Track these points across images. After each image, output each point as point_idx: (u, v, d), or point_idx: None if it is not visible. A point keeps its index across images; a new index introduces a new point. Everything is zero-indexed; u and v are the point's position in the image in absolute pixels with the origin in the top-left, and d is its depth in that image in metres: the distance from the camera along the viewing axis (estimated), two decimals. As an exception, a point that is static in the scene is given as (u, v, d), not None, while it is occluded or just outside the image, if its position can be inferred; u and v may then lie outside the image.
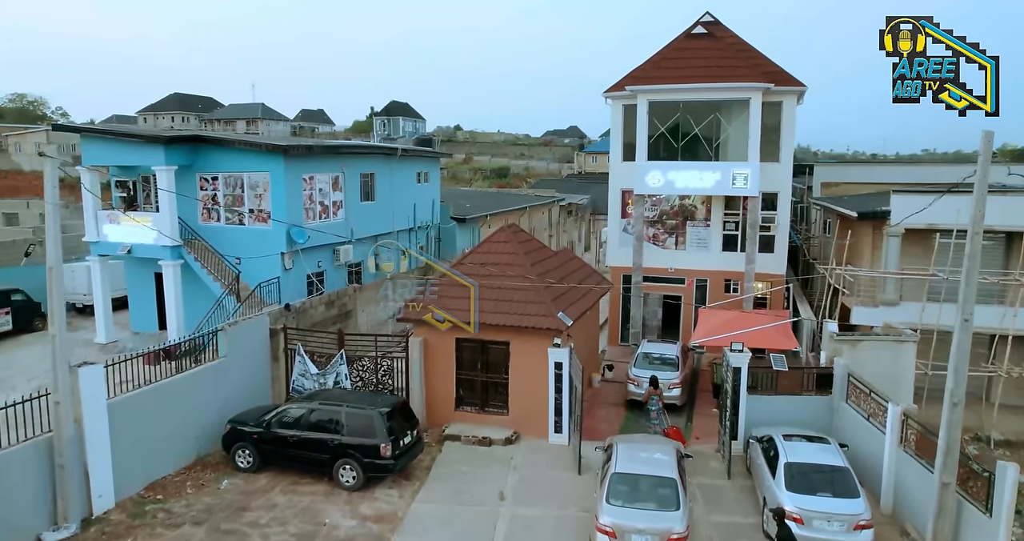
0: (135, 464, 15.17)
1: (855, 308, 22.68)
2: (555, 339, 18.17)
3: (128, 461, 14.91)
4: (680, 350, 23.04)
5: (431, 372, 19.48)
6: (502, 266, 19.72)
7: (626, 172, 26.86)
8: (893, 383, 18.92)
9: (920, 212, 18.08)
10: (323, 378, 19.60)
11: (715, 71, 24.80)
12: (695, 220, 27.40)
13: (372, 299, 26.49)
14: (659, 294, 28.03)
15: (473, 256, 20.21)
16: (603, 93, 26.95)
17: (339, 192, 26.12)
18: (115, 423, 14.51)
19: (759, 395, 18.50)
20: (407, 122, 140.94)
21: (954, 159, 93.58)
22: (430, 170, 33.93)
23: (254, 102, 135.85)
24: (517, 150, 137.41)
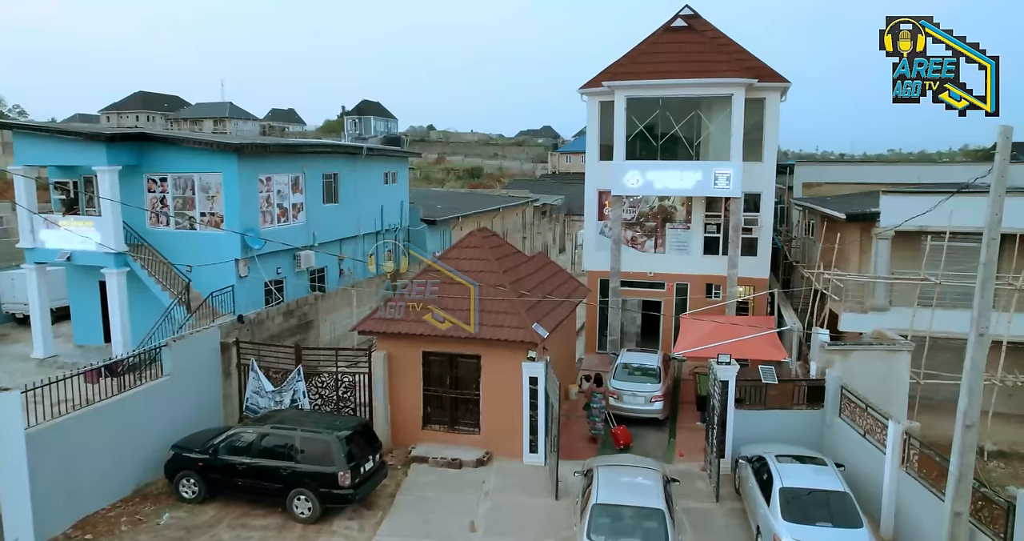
0: (62, 499, 13.57)
1: (844, 314, 21.68)
2: (530, 352, 16.87)
3: (53, 496, 13.30)
4: (661, 360, 21.87)
5: (396, 388, 18.07)
6: (473, 273, 18.36)
7: (603, 172, 25.65)
8: (887, 394, 17.93)
9: (923, 214, 17.07)
10: (279, 396, 18.10)
11: (696, 66, 23.67)
12: (675, 222, 26.27)
13: (336, 307, 24.99)
14: (638, 299, 26.85)
15: (441, 263, 18.81)
16: (579, 89, 25.71)
17: (299, 194, 24.56)
18: (37, 454, 12.86)
19: (747, 410, 17.37)
20: (379, 121, 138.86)
21: (919, 159, 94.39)
22: (398, 170, 32.45)
23: (222, 101, 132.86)
24: (490, 150, 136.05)
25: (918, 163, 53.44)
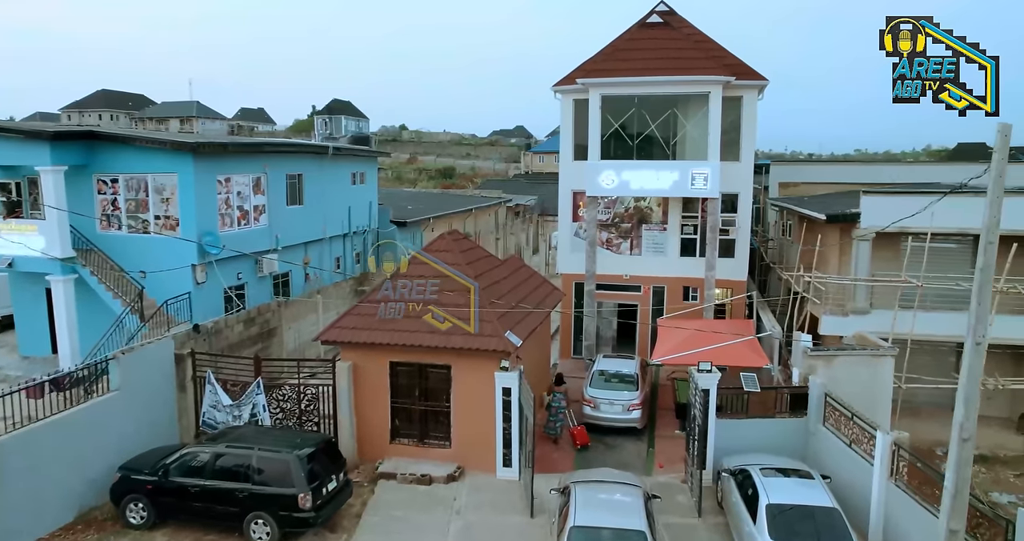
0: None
1: (824, 317, 21.19)
2: (502, 361, 16.06)
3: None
4: (639, 365, 21.19)
5: (362, 400, 17.14)
6: (443, 279, 17.49)
7: (577, 172, 24.92)
8: (871, 400, 17.44)
9: (913, 215, 16.63)
10: (238, 410, 17.06)
11: (672, 63, 23.03)
12: (651, 223, 25.63)
13: (301, 314, 23.96)
14: (614, 303, 26.17)
15: (409, 268, 17.90)
16: (552, 86, 24.94)
17: (261, 195, 23.45)
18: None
19: (729, 419, 16.73)
20: (350, 121, 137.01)
21: (885, 159, 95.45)
22: (367, 170, 31.41)
23: (189, 100, 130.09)
24: (463, 150, 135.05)
25: (885, 163, 53.75)
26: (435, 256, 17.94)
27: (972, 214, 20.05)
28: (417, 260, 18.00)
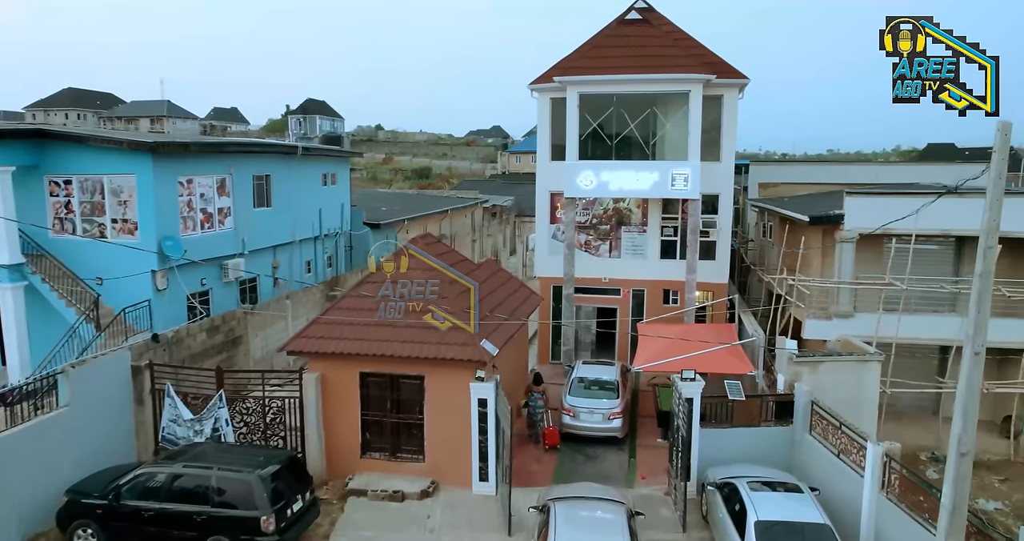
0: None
1: (808, 321, 20.74)
2: (478, 372, 15.35)
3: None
4: (619, 371, 20.57)
5: (331, 413, 16.32)
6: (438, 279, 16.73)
7: (555, 173, 24.25)
8: (857, 407, 17.01)
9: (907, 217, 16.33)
10: (199, 425, 16.15)
11: (652, 61, 22.45)
12: (630, 225, 25.05)
13: (269, 321, 23.02)
14: (593, 306, 25.56)
15: (379, 274, 17.11)
16: (528, 85, 24.25)
17: (226, 197, 22.48)
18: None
19: (713, 428, 16.17)
20: (324, 121, 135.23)
21: (856, 159, 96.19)
22: (338, 171, 30.48)
23: (160, 99, 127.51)
24: (439, 150, 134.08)
25: (864, 163, 53.84)
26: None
27: (956, 215, 19.86)
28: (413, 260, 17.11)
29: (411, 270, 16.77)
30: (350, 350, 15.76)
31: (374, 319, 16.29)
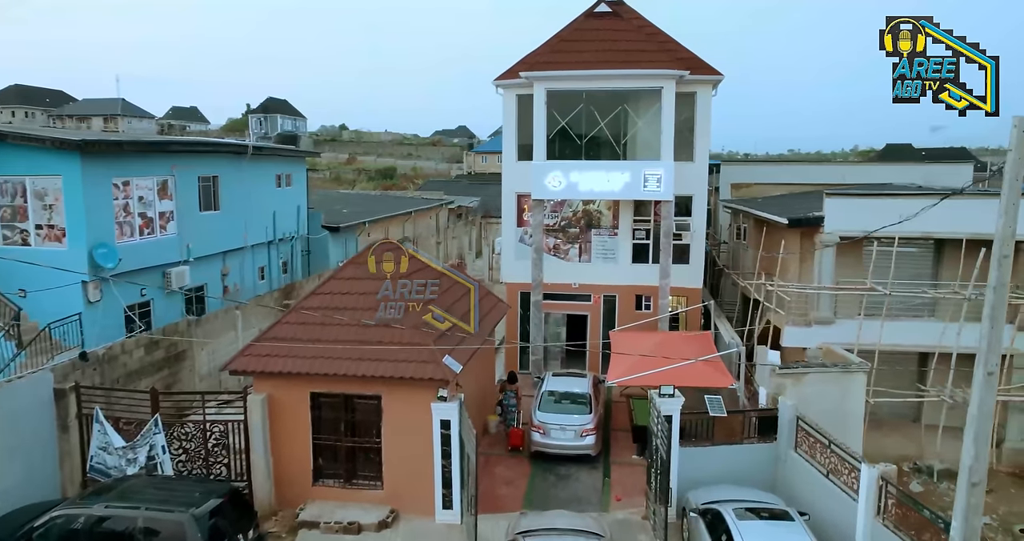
0: None
1: (787, 328, 19.85)
2: (440, 391, 14.08)
3: None
4: (591, 384, 19.46)
5: (280, 438, 14.91)
6: (369, 297, 15.41)
7: (522, 173, 23.07)
8: (842, 420, 16.15)
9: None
10: (132, 453, 14.59)
11: (622, 56, 21.39)
12: (601, 228, 23.97)
13: (217, 332, 21.42)
14: (562, 313, 24.44)
15: (330, 285, 15.75)
16: (493, 81, 23.03)
17: (169, 200, 20.85)
18: None
19: (693, 447, 15.14)
20: (286, 120, 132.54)
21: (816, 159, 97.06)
22: (293, 172, 28.91)
23: (114, 97, 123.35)
24: (404, 150, 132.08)
25: (828, 163, 53.68)
26: (361, 270, 15.82)
27: (937, 217, 19.11)
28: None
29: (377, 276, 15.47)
30: (299, 369, 14.38)
31: (326, 334, 14.93)
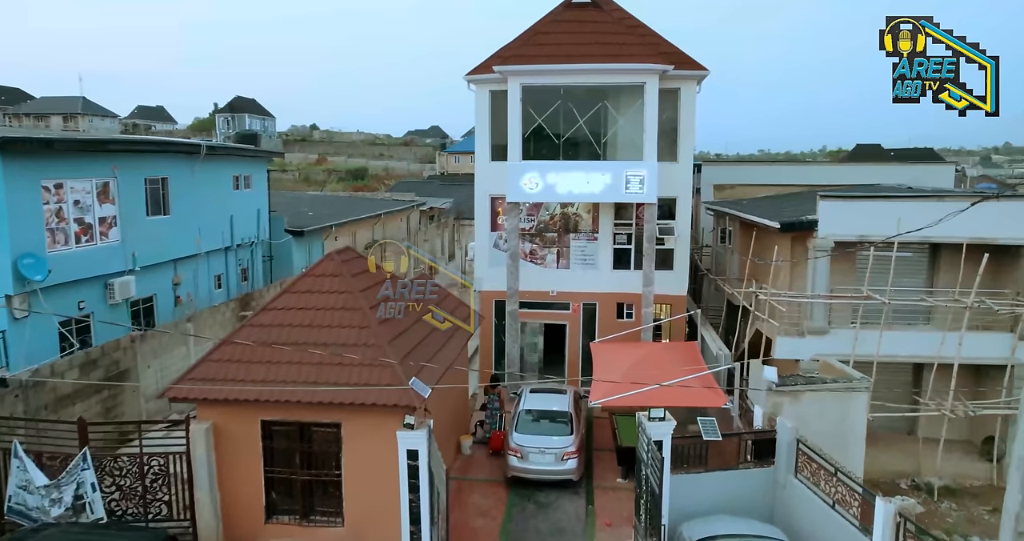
0: None
1: (779, 339, 18.66)
2: (407, 418, 12.59)
3: None
4: (572, 400, 18.11)
5: (228, 471, 13.31)
6: (327, 312, 13.88)
7: (495, 175, 21.66)
8: (842, 440, 15.03)
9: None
10: (57, 491, 12.87)
11: (603, 49, 20.08)
12: (580, 232, 22.63)
13: (166, 348, 19.69)
14: (540, 323, 23.07)
15: (284, 299, 14.19)
16: (465, 76, 21.58)
17: (110, 204, 19.12)
18: None
19: (685, 474, 13.83)
20: (254, 120, 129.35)
21: (785, 159, 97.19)
22: (253, 173, 27.24)
23: (74, 95, 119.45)
24: (376, 150, 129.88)
25: (787, 163, 53.01)
26: (318, 283, 14.29)
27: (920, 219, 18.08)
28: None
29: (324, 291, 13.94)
30: (246, 395, 12.79)
31: (279, 354, 13.36)
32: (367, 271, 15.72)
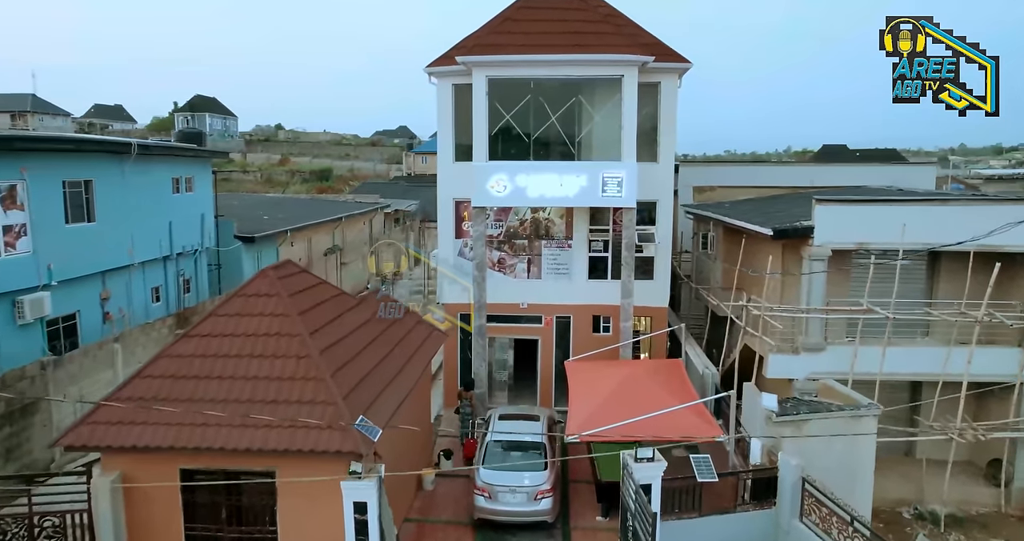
0: None
1: (772, 356, 17.02)
2: (353, 465, 10.66)
3: None
4: (546, 426, 16.28)
5: (140, 530, 11.24)
6: (259, 339, 11.86)
7: (460, 177, 19.73)
8: (849, 473, 13.48)
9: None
10: (-71, 559, 10.72)
11: (577, 39, 18.28)
12: (552, 239, 20.80)
13: (88, 371, 17.46)
14: (509, 338, 21.20)
15: (209, 324, 12.11)
16: (425, 68, 19.62)
17: (19, 210, 16.82)
18: None
19: (677, 519, 12.11)
20: (215, 119, 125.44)
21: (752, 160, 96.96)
22: (196, 174, 24.96)
23: (24, 92, 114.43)
24: (343, 150, 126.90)
25: (767, 164, 52.02)
26: (250, 304, 12.24)
27: (940, 227, 16.66)
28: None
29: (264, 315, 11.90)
30: (159, 442, 10.72)
31: (202, 390, 11.32)
32: (311, 288, 13.70)
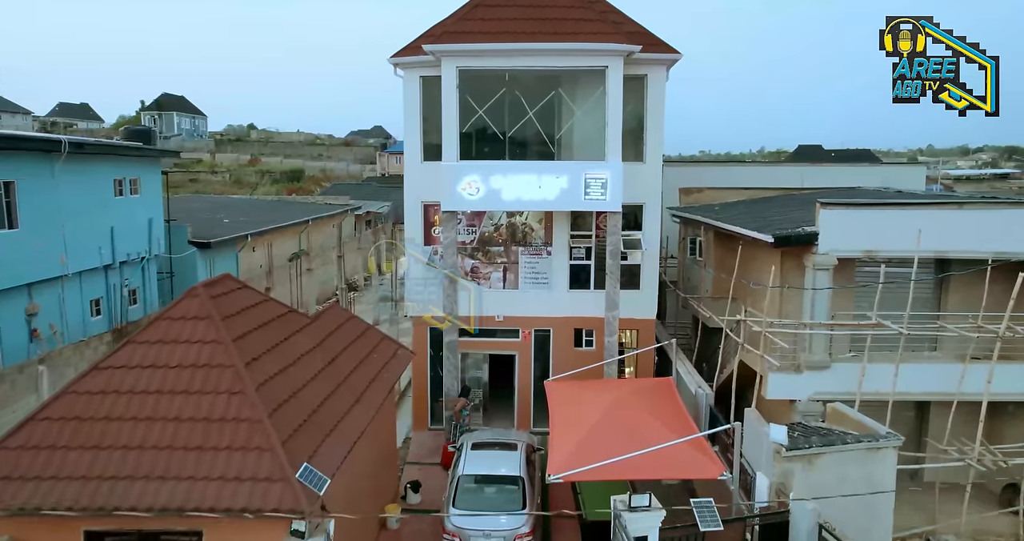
0: None
1: (771, 376, 15.47)
2: (294, 524, 8.88)
3: None
4: (524, 456, 14.59)
5: (36, 604, 9.33)
6: (184, 372, 10.01)
7: (429, 178, 18.02)
8: (868, 512, 11.87)
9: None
10: None
11: (556, 26, 16.63)
12: (530, 246, 19.12)
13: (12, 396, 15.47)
14: (483, 353, 19.50)
15: (124, 354, 10.23)
16: (390, 58, 17.86)
17: (-75, 217, 14.77)
18: None
19: (677, 575, 10.48)
20: (183, 118, 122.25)
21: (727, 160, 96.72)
22: (142, 175, 22.90)
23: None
24: (316, 150, 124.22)
25: (755, 164, 50.95)
26: (175, 330, 10.38)
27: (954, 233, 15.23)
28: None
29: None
30: (55, 503, 8.83)
31: (113, 436, 9.45)
32: (252, 307, 11.85)
